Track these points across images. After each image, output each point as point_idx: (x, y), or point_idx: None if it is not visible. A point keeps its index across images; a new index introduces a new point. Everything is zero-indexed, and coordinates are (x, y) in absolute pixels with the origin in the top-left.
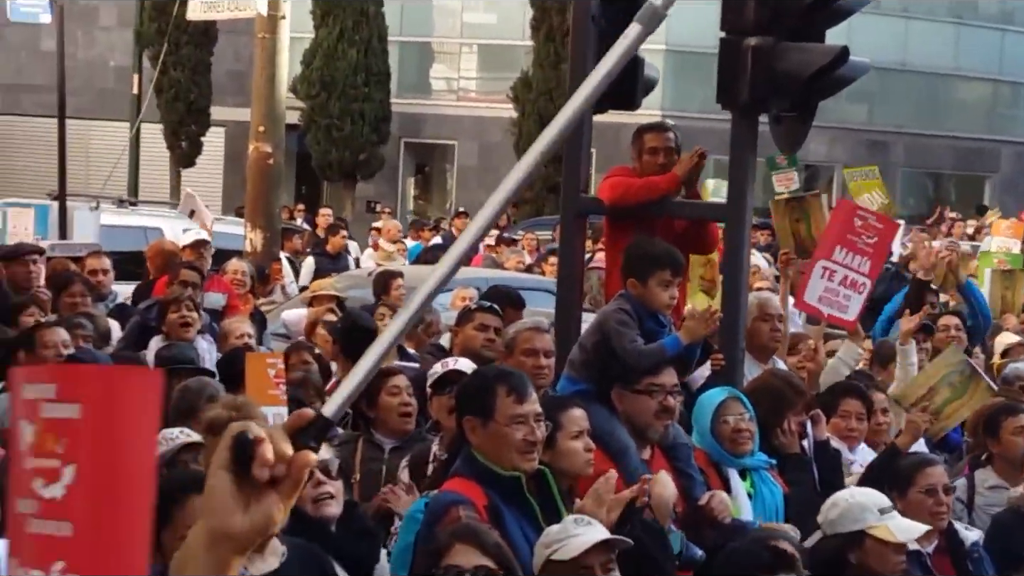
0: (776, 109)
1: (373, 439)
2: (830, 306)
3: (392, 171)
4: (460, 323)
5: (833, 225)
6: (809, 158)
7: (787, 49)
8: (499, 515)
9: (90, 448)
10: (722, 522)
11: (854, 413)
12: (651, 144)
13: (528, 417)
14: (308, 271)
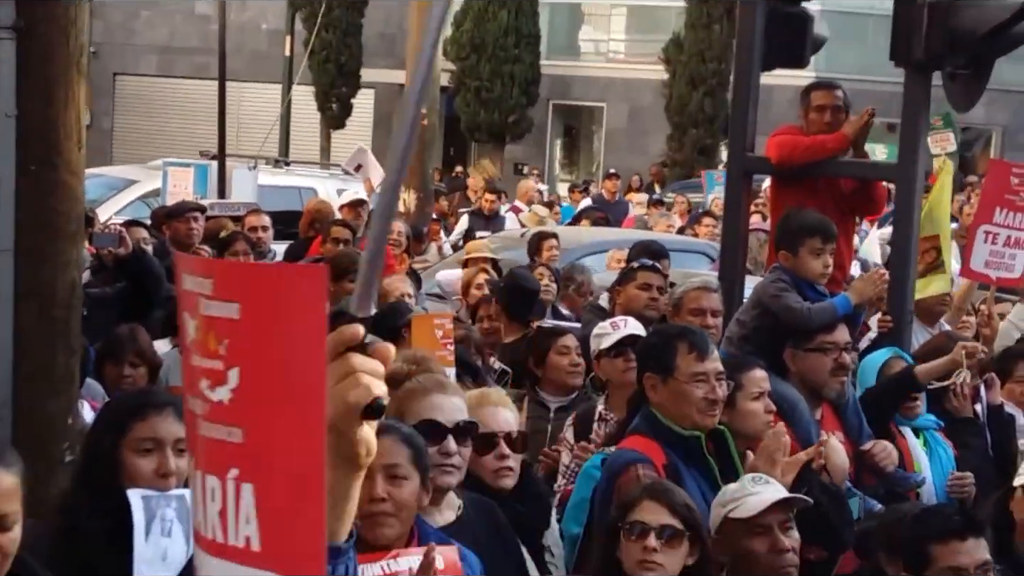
0: (951, 67)
1: (539, 398)
2: (998, 269)
3: (540, 133)
4: (622, 282)
5: (988, 187)
6: (966, 119)
7: (963, 6)
8: (678, 474)
9: (253, 351)
10: (885, 470)
11: None
12: (818, 102)
13: (709, 375)
14: (461, 230)
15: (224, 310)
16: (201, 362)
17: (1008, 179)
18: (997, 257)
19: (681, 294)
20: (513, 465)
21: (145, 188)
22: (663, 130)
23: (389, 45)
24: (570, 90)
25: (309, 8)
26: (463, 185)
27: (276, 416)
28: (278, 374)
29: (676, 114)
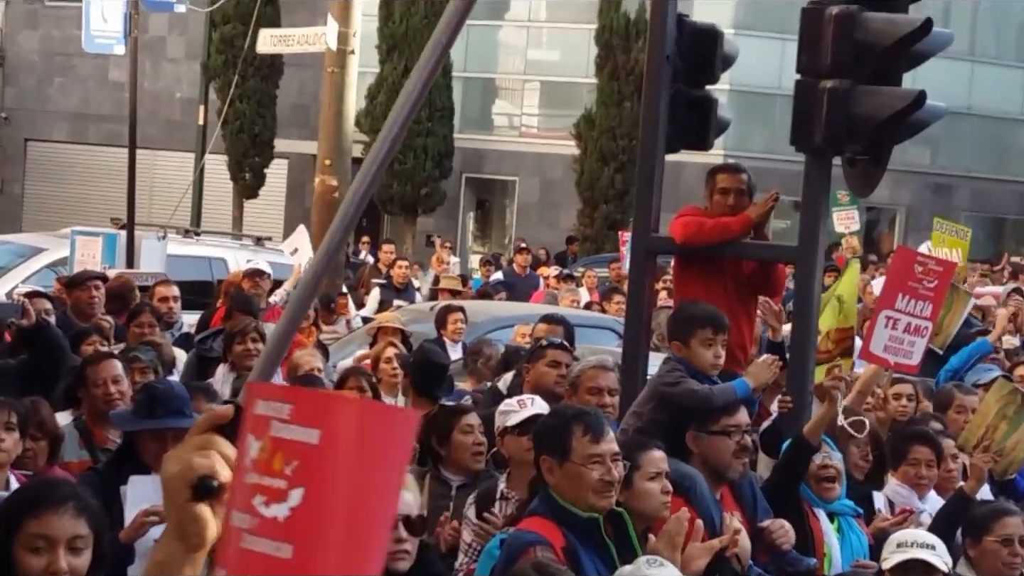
0: (850, 152)
1: (441, 476)
2: (895, 354)
3: (453, 206)
4: (532, 360)
5: (893, 273)
6: (872, 200)
7: (863, 92)
8: (576, 556)
9: (325, 476)
10: (780, 548)
11: (924, 460)
12: (723, 185)
13: (605, 456)
14: (373, 302)
15: (302, 434)
16: (259, 480)
17: (912, 267)
18: (896, 343)
19: (578, 373)
20: (409, 548)
21: (53, 256)
22: (574, 204)
23: (303, 115)
24: (483, 163)
25: (223, 77)
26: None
27: (334, 541)
28: (346, 501)
29: (587, 189)
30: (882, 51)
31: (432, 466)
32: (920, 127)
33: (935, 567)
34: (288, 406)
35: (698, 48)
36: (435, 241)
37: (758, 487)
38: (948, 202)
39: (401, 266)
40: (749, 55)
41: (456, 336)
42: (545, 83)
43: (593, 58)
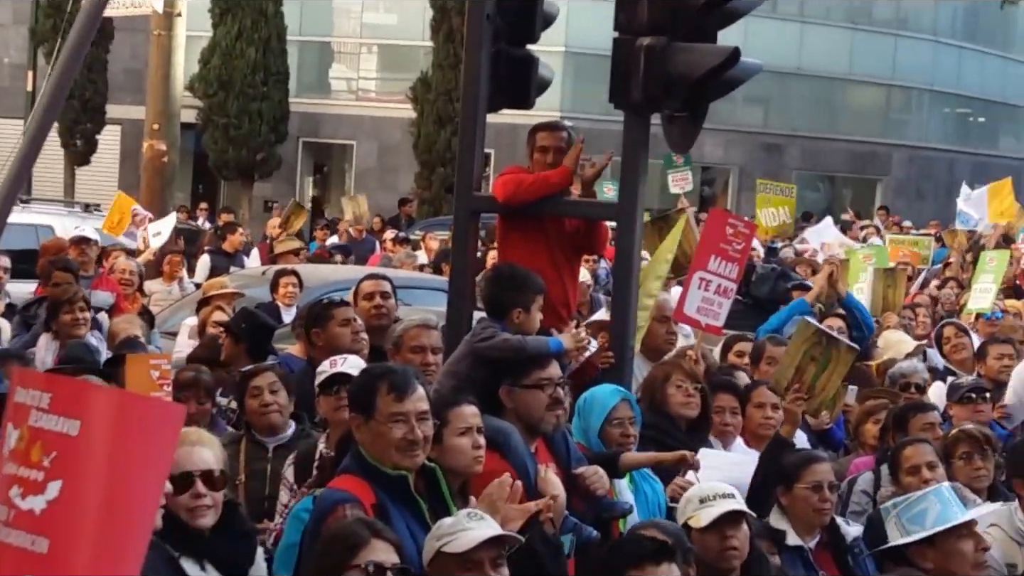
0: (668, 109)
1: (255, 439)
2: (706, 315)
3: (290, 171)
4: (321, 322)
5: (706, 235)
6: (705, 160)
7: (679, 50)
8: (386, 514)
9: (83, 469)
10: (595, 494)
11: (727, 408)
12: (542, 143)
13: (409, 415)
14: (204, 269)
15: (61, 425)
16: (16, 470)
17: (724, 228)
18: (708, 304)
19: (401, 332)
20: (210, 503)
21: None
22: (412, 168)
23: (136, 80)
24: (320, 127)
25: (52, 43)
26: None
27: (89, 537)
28: (104, 496)
29: (424, 152)
30: (697, 8)
31: (246, 429)
32: (736, 83)
33: (743, 513)
34: (48, 395)
35: (518, 7)
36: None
37: (572, 438)
38: (780, 161)
39: (239, 232)
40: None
41: (288, 300)
42: (382, 46)
43: (429, 21)
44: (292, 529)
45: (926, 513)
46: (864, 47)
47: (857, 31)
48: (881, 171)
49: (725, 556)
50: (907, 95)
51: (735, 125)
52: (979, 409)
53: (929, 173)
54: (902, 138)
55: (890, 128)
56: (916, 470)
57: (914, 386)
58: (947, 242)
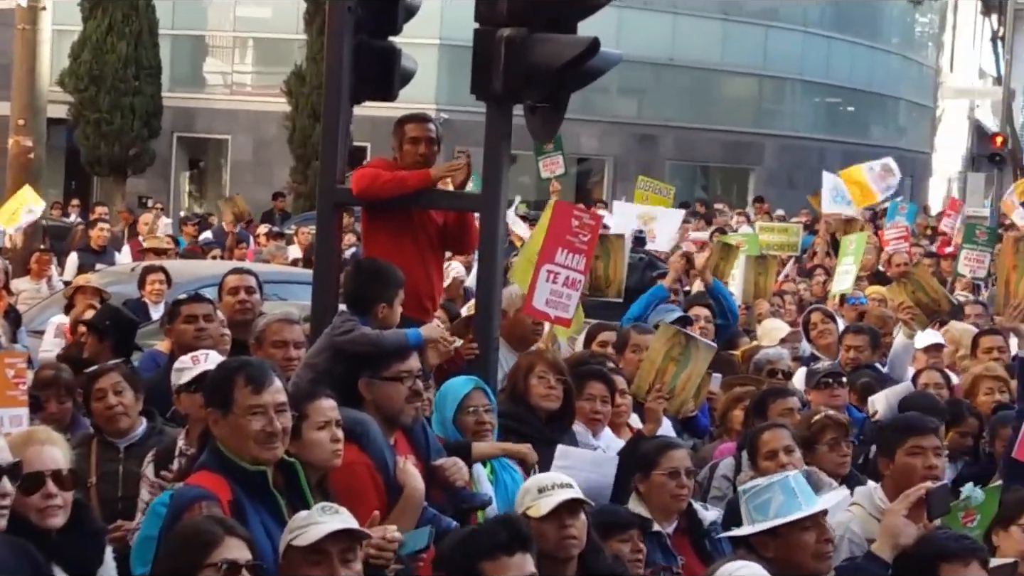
0: (530, 100)
1: (106, 440)
2: (555, 308)
3: (164, 166)
4: (170, 319)
5: (552, 227)
6: (581, 151)
7: (538, 40)
8: (242, 510)
9: None
10: (455, 485)
11: (599, 396)
12: (412, 134)
13: (267, 407)
14: (72, 266)
15: None
16: None
17: (570, 220)
18: (556, 296)
19: (263, 327)
20: (60, 503)
21: None
22: (287, 162)
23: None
24: (195, 122)
25: None
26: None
27: None
28: None
29: (299, 146)
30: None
31: (97, 430)
32: (596, 74)
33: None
34: None
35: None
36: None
37: (431, 430)
38: (654, 151)
39: (102, 228)
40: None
41: (155, 297)
42: (256, 40)
43: (303, 14)
44: (149, 523)
45: (769, 503)
46: (736, 38)
47: (729, 22)
48: (754, 161)
49: (563, 545)
50: (778, 85)
51: (610, 116)
52: (835, 394)
53: (801, 162)
54: (774, 128)
55: (762, 118)
56: (773, 455)
57: (780, 372)
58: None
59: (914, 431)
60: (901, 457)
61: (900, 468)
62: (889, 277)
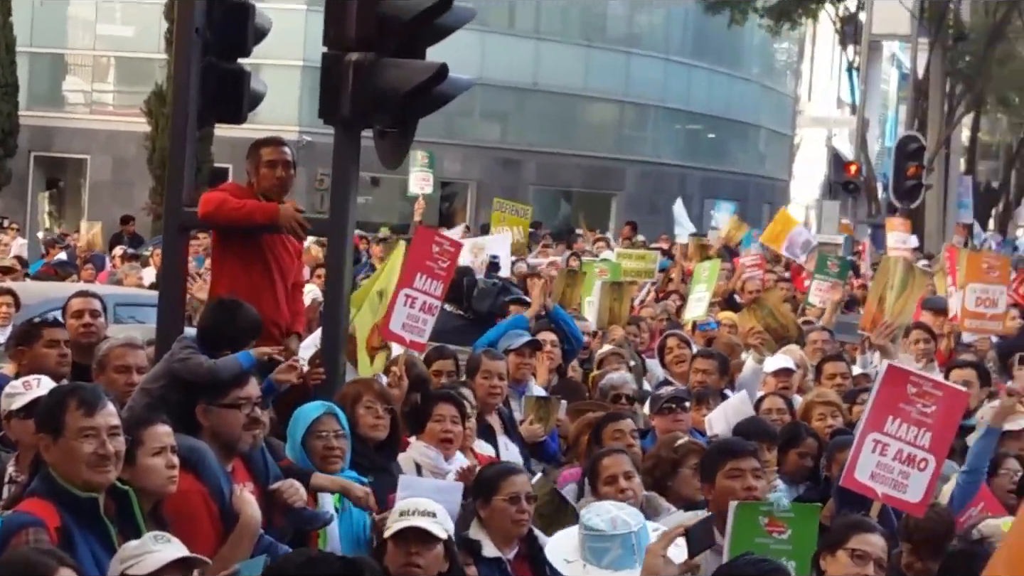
0: (378, 124)
1: None
2: (412, 332)
3: (22, 186)
4: (27, 341)
5: (414, 252)
6: (444, 175)
7: (387, 65)
8: (70, 537)
9: None
10: (294, 506)
11: (449, 417)
12: (268, 158)
13: (100, 430)
14: None
15: None
16: None
17: (431, 247)
18: (413, 321)
19: (106, 351)
20: None
21: None
22: (147, 183)
23: None
24: (53, 141)
25: None
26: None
27: None
28: None
29: (159, 167)
30: (405, 24)
31: None
32: (446, 99)
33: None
34: None
35: (229, 21)
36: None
37: (269, 455)
38: (517, 176)
39: None
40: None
41: (2, 320)
42: (117, 59)
43: (163, 33)
44: None
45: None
46: (598, 64)
47: (592, 48)
48: (616, 186)
49: (405, 571)
50: (640, 111)
51: (473, 140)
52: (678, 419)
53: (661, 188)
54: (635, 154)
55: (624, 144)
56: (613, 480)
57: (624, 397)
58: (685, 254)
59: (733, 454)
60: (721, 480)
61: (721, 491)
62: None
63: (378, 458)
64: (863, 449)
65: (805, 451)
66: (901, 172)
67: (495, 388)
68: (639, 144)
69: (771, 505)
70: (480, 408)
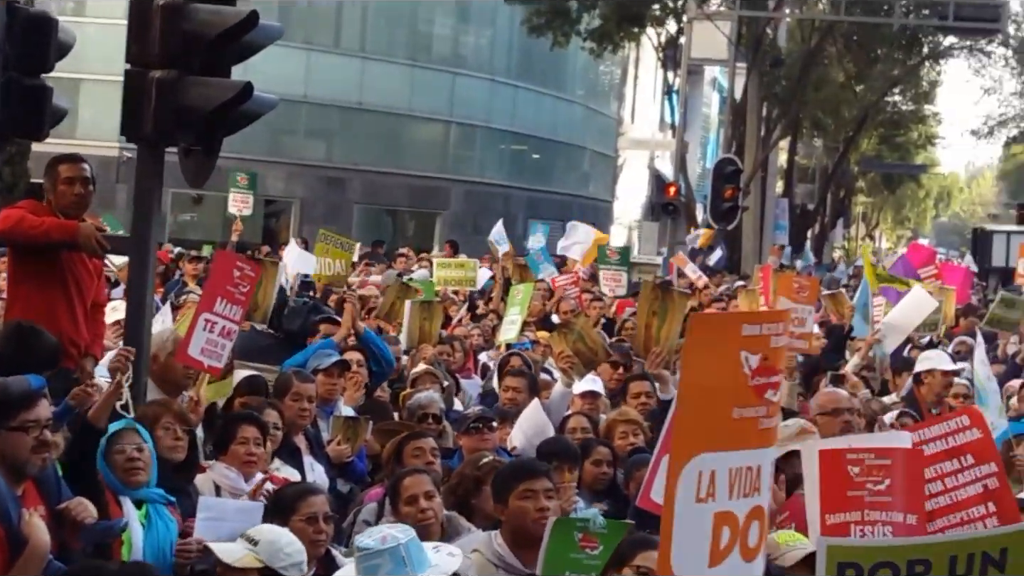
0: (183, 143)
1: None
2: (210, 357)
3: None
4: None
5: (213, 277)
6: (268, 193)
7: (191, 83)
8: None
9: None
10: (84, 523)
11: (252, 439)
12: (67, 175)
13: None
14: None
15: None
16: None
17: (232, 271)
18: (212, 345)
19: None
20: None
21: None
22: None
23: None
24: None
25: None
26: None
27: None
28: None
29: None
30: (210, 42)
31: None
32: (252, 118)
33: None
34: None
35: (30, 36)
36: None
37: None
38: (342, 195)
39: None
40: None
41: None
42: None
43: None
44: None
45: (379, 569)
46: (424, 84)
47: (417, 68)
48: (441, 205)
49: None
50: (466, 132)
51: (297, 158)
52: (485, 438)
53: (486, 207)
54: (460, 173)
55: (449, 163)
56: (414, 500)
57: (431, 417)
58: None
59: (525, 475)
60: (514, 501)
61: (513, 512)
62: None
63: (176, 479)
64: (659, 470)
65: (599, 458)
66: (718, 194)
67: (304, 410)
68: (464, 164)
69: (587, 521)
70: (287, 429)
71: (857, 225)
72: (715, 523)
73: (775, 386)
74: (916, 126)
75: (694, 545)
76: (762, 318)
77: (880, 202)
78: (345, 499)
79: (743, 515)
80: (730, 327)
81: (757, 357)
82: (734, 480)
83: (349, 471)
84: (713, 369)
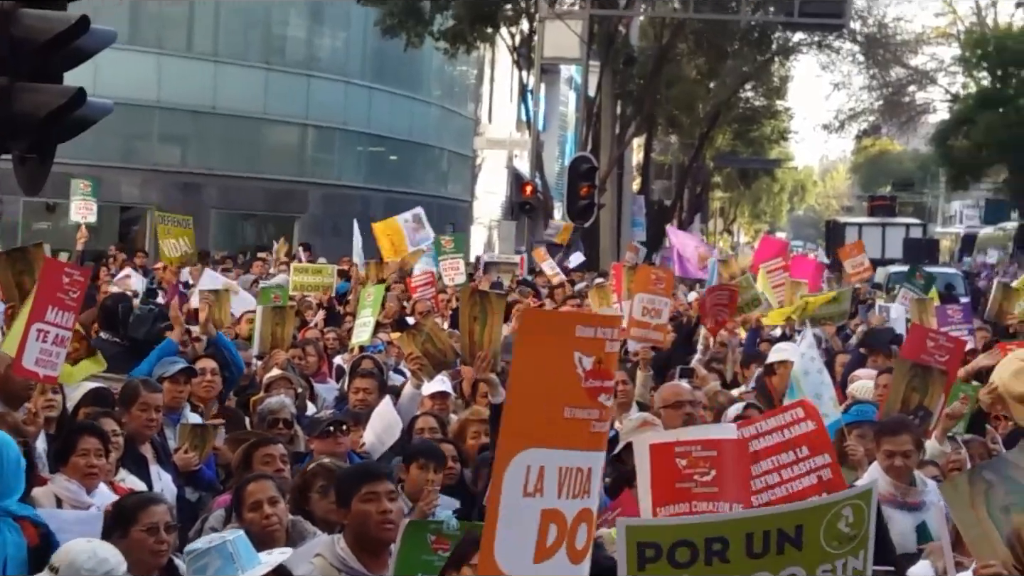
0: (16, 150)
1: None
2: (45, 367)
3: None
4: None
5: (44, 284)
6: (122, 199)
7: (23, 89)
8: None
9: None
10: None
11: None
12: None
13: None
14: None
15: None
16: None
17: (61, 278)
18: (46, 355)
19: None
20: None
21: None
22: None
23: None
24: None
25: None
26: None
27: None
28: None
29: None
30: (39, 47)
31: None
32: (87, 124)
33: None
34: None
35: None
36: None
37: None
38: (198, 200)
39: None
40: None
41: None
42: None
43: None
44: None
45: (207, 568)
46: (278, 87)
47: (271, 71)
48: (299, 209)
49: None
50: (322, 134)
51: (151, 164)
52: (339, 442)
53: (344, 210)
54: (318, 176)
55: (306, 167)
56: (258, 505)
57: (282, 422)
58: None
59: (368, 478)
60: (357, 504)
61: (356, 515)
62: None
63: None
64: None
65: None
66: (575, 192)
67: (152, 420)
68: (321, 167)
69: (441, 523)
70: (134, 438)
71: (715, 220)
72: (542, 520)
73: (608, 391)
74: (769, 121)
75: (519, 538)
76: (596, 321)
77: (737, 197)
78: (194, 507)
79: (571, 516)
80: (564, 326)
81: (591, 359)
82: (563, 479)
83: (197, 479)
84: (545, 365)
